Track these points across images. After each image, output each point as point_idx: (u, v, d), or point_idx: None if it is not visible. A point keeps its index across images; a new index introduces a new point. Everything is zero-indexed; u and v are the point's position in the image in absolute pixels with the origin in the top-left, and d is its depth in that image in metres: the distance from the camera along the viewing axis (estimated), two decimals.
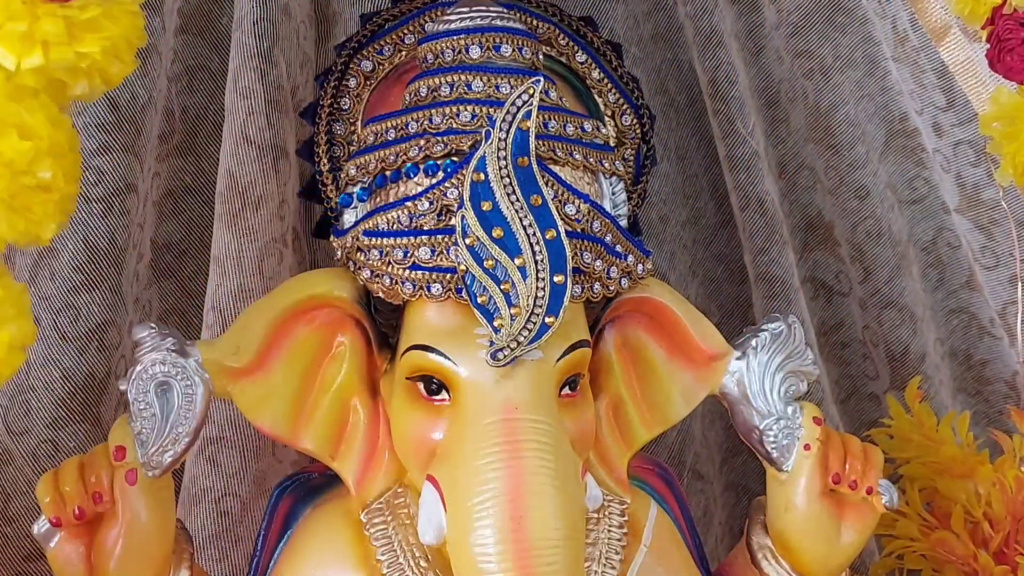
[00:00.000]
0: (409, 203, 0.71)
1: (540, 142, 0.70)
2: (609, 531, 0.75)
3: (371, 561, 0.73)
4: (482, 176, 0.69)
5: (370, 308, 0.74)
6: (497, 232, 0.68)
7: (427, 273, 0.70)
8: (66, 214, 0.63)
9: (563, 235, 0.69)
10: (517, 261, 0.68)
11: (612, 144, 0.81)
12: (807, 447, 0.77)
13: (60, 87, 0.60)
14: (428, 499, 0.70)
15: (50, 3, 0.57)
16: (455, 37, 0.75)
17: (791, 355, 0.78)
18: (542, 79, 0.70)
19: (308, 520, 0.77)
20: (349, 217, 0.76)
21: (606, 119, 0.82)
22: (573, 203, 0.71)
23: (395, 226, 0.71)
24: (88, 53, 0.58)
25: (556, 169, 0.72)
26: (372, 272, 0.72)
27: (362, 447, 0.75)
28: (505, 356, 0.67)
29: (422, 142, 0.72)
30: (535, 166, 0.69)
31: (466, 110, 0.72)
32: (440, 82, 0.74)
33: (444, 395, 0.70)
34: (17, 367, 0.62)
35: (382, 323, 0.74)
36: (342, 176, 0.77)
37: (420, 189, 0.71)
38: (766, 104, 1.14)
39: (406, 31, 0.82)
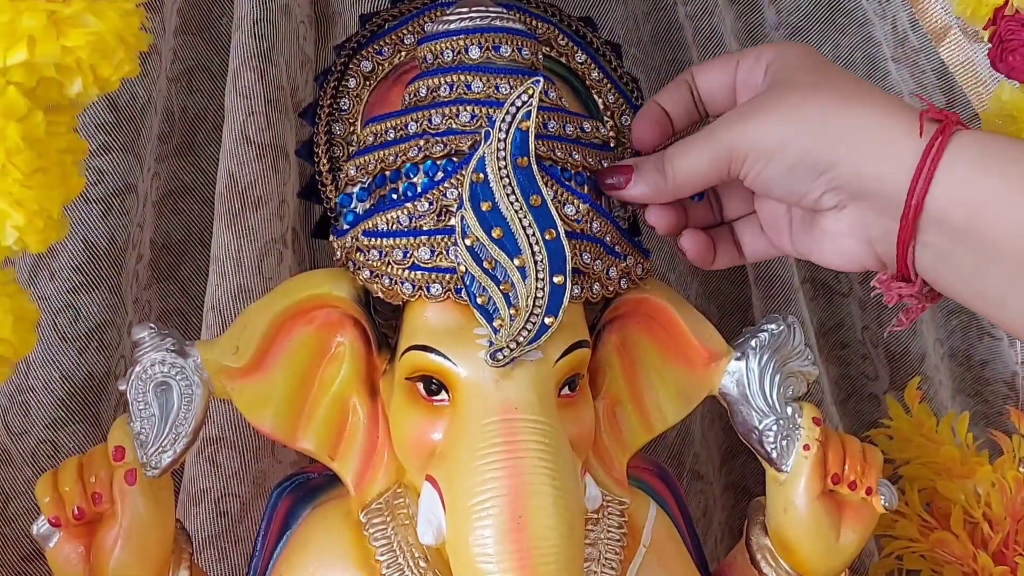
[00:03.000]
0: (408, 203, 0.70)
1: (540, 142, 0.70)
2: (608, 532, 0.75)
3: (370, 561, 0.73)
4: (482, 176, 0.69)
5: (369, 308, 0.74)
6: (496, 232, 0.68)
7: (426, 273, 0.70)
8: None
9: (563, 235, 0.69)
10: (516, 261, 0.68)
11: (612, 144, 0.81)
12: (806, 447, 0.77)
13: (55, 86, 0.60)
14: (427, 499, 0.70)
15: None
16: (454, 37, 0.75)
17: (790, 355, 0.79)
18: (542, 79, 0.70)
19: (307, 520, 0.77)
20: (348, 217, 0.76)
21: (605, 119, 0.82)
22: (572, 203, 0.71)
23: (394, 226, 0.71)
24: (73, 48, 0.58)
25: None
26: (371, 272, 0.72)
27: (361, 447, 0.75)
28: (504, 356, 0.67)
29: (422, 142, 0.72)
30: (535, 166, 0.69)
31: (466, 110, 0.72)
32: (439, 82, 0.74)
33: (443, 395, 0.70)
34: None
35: (381, 323, 0.74)
36: (341, 176, 0.77)
37: (419, 189, 0.71)
38: None
39: (405, 31, 0.82)
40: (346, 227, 0.75)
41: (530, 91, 0.69)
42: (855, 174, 0.67)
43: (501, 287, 0.68)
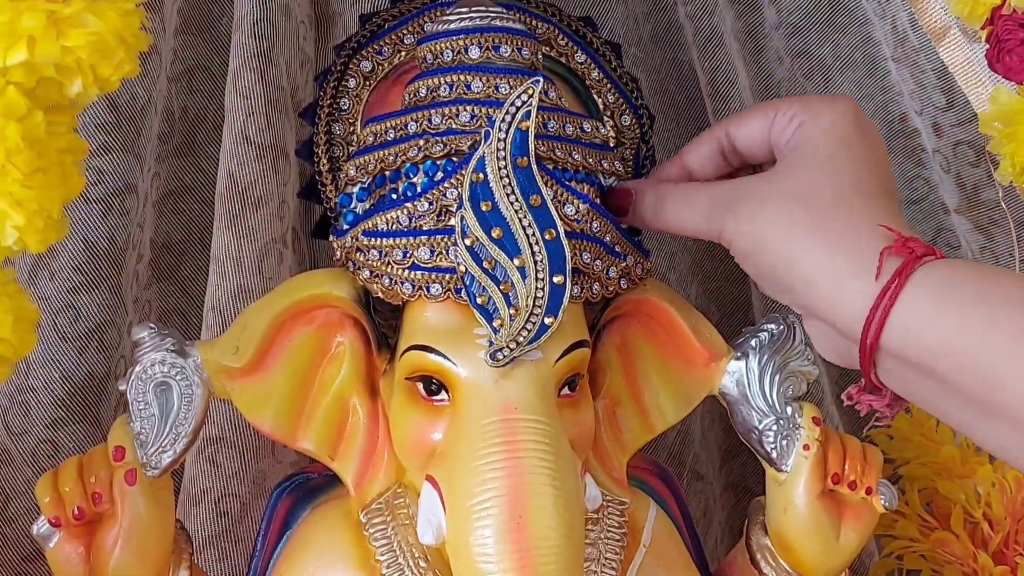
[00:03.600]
0: (408, 203, 0.71)
1: (540, 142, 0.70)
2: (608, 532, 0.75)
3: (370, 561, 0.73)
4: (481, 176, 0.69)
5: (369, 308, 0.74)
6: (496, 232, 0.68)
7: (426, 273, 0.70)
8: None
9: (562, 235, 0.69)
10: (516, 261, 0.68)
11: (611, 144, 0.81)
12: (806, 447, 0.77)
13: (55, 86, 0.60)
14: (427, 499, 0.70)
15: None
16: (454, 37, 0.75)
17: (791, 355, 0.79)
18: (541, 79, 0.70)
19: (307, 520, 0.77)
20: (348, 217, 0.76)
21: (605, 119, 0.82)
22: (572, 203, 0.71)
23: (394, 226, 0.71)
24: (73, 48, 0.59)
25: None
26: (371, 272, 0.72)
27: (361, 447, 0.75)
28: (504, 356, 0.67)
29: (421, 142, 0.72)
30: (534, 166, 0.69)
31: (465, 110, 0.72)
32: (439, 82, 0.74)
33: (443, 395, 0.70)
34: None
35: (381, 323, 0.74)
36: (341, 176, 0.77)
37: (419, 189, 0.71)
38: None
39: (405, 31, 0.82)
40: (346, 227, 0.75)
41: (530, 91, 0.69)
42: (811, 304, 0.66)
43: (501, 287, 0.68)
